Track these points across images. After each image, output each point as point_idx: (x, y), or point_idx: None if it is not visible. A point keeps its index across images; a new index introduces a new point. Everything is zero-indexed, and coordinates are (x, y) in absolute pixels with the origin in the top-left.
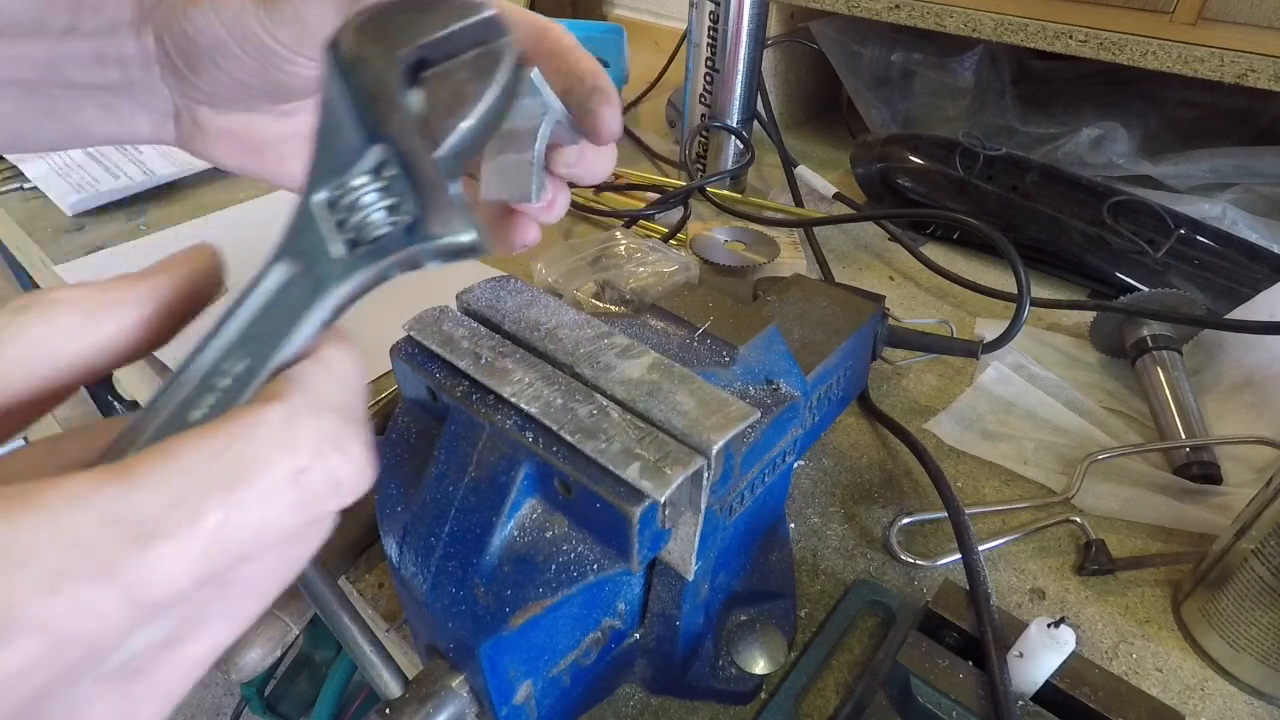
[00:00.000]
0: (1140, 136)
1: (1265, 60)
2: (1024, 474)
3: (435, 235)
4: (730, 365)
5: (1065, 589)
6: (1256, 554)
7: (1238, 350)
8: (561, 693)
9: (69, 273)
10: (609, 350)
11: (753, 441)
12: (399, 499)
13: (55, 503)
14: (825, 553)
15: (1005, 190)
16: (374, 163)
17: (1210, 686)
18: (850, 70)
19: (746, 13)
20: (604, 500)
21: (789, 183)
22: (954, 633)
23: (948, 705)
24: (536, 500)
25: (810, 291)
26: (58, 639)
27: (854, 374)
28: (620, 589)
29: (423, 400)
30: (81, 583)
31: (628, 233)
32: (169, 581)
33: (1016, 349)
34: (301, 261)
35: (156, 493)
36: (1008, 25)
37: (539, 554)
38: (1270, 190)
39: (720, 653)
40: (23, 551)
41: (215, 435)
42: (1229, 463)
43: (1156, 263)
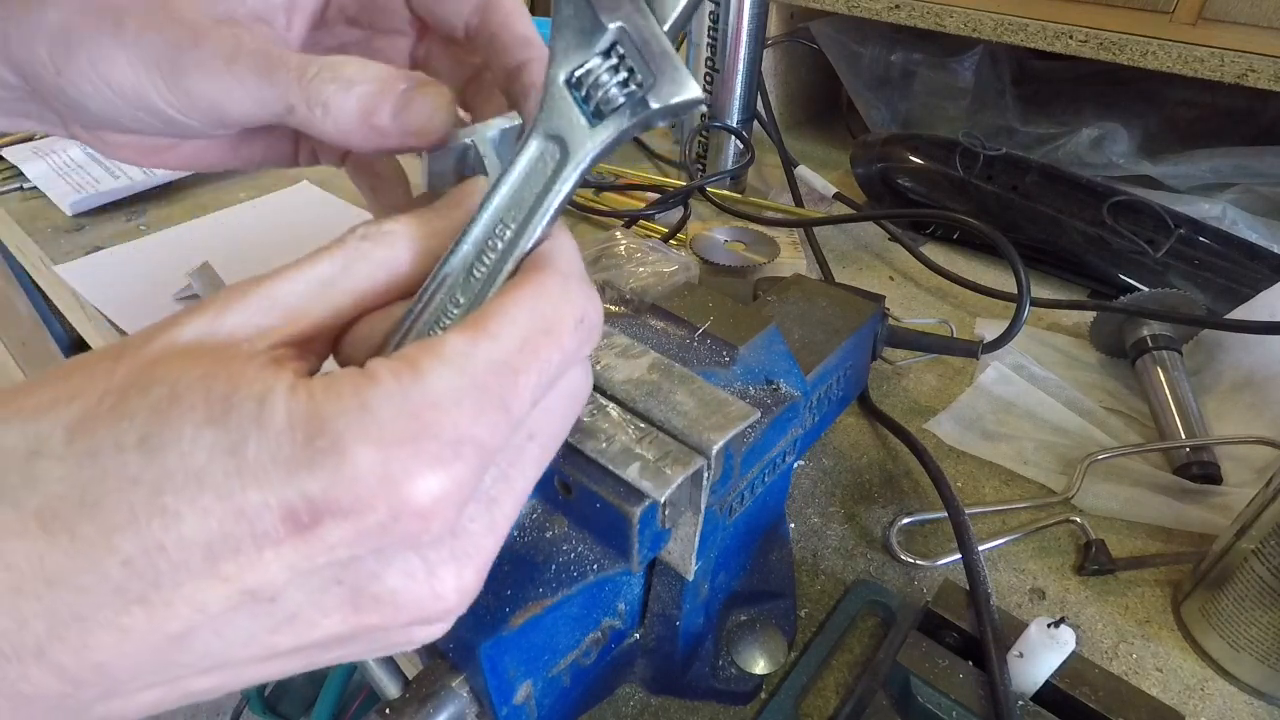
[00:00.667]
0: (1140, 136)
1: (1265, 60)
2: (1024, 474)
3: (667, 96)
4: (730, 365)
5: (1065, 589)
6: (1256, 554)
7: (1238, 350)
8: (561, 693)
9: (69, 273)
10: (609, 350)
11: (753, 441)
12: None
13: (455, 359)
14: (825, 553)
15: (1005, 190)
16: (607, 44)
17: (1210, 686)
18: (850, 70)
19: (746, 13)
20: (604, 500)
21: (789, 183)
22: (954, 633)
23: (948, 705)
24: (536, 500)
25: (810, 291)
26: (484, 450)
27: (854, 374)
28: (620, 589)
29: None
30: (490, 411)
31: (628, 233)
32: (525, 403)
33: (1016, 349)
34: (554, 130)
35: (511, 341)
36: (1008, 25)
37: (539, 554)
38: (1270, 190)
39: (720, 653)
40: (450, 395)
41: (524, 297)
42: (1229, 463)
43: (1156, 263)
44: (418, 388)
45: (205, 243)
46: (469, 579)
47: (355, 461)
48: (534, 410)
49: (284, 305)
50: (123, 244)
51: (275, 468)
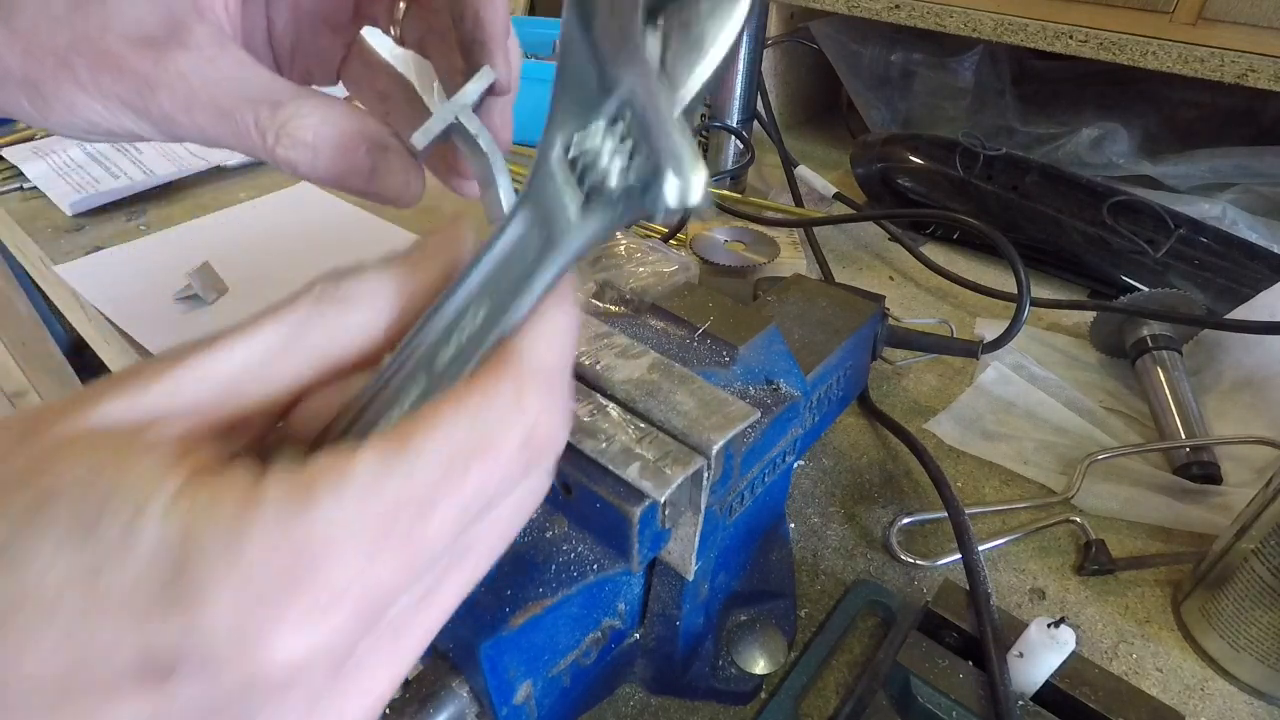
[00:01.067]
0: (1140, 136)
1: (1265, 60)
2: (1024, 474)
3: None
4: (730, 365)
5: (1065, 589)
6: (1256, 554)
7: (1238, 350)
8: (561, 693)
9: (69, 273)
10: (609, 350)
11: (753, 441)
12: None
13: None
14: (825, 553)
15: (1005, 190)
16: (613, 111)
17: (1210, 686)
18: (850, 70)
19: None
20: (604, 500)
21: (789, 183)
22: (954, 633)
23: (948, 705)
24: None
25: (810, 291)
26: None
27: (854, 374)
28: (620, 589)
29: None
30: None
31: (627, 233)
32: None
33: (1016, 349)
34: (540, 213)
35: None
36: (1008, 25)
37: (539, 554)
38: (1270, 190)
39: (720, 653)
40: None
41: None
42: (1229, 463)
43: (1156, 263)
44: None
45: (205, 243)
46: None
47: (212, 612)
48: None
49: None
50: (123, 244)
51: (131, 607)
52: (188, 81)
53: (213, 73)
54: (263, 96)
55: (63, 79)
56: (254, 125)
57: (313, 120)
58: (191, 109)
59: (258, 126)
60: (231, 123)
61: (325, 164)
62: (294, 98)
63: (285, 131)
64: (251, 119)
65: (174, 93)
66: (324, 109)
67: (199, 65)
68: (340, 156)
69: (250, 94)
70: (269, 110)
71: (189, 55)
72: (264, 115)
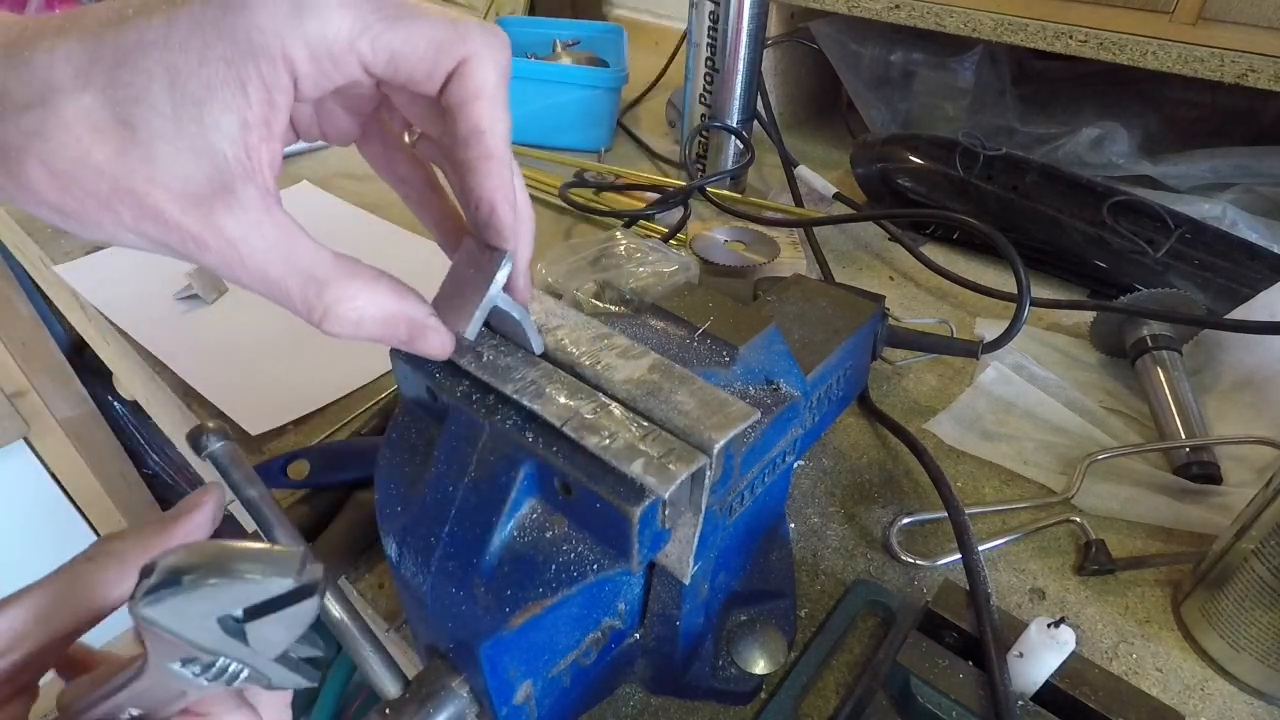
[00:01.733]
0: (1140, 136)
1: (1265, 60)
2: (1024, 474)
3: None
4: (730, 365)
5: (1065, 589)
6: (1256, 554)
7: (1238, 350)
8: (561, 693)
9: (68, 273)
10: (610, 351)
11: (753, 442)
12: (398, 499)
13: None
14: (825, 553)
15: (1005, 190)
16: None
17: (1210, 686)
18: (850, 70)
19: (746, 13)
20: (604, 500)
21: (789, 183)
22: (954, 633)
23: (948, 705)
24: (536, 500)
25: (810, 291)
26: None
27: (854, 374)
28: (620, 589)
29: (422, 400)
30: None
31: (628, 233)
32: None
33: (1016, 349)
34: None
35: None
36: (1008, 25)
37: (539, 554)
38: (1270, 190)
39: (720, 653)
40: None
41: None
42: (1229, 463)
43: (1156, 263)
44: None
45: None
46: None
47: None
48: None
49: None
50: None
51: None
52: (236, 248)
53: (259, 241)
54: (309, 272)
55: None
56: (299, 299)
57: (359, 303)
58: (236, 270)
59: (304, 302)
60: (278, 290)
61: (365, 335)
62: (339, 278)
63: (333, 312)
64: (298, 294)
65: (222, 255)
66: (368, 291)
67: (246, 232)
68: (380, 331)
69: (298, 268)
70: (316, 289)
71: (235, 219)
72: (311, 293)
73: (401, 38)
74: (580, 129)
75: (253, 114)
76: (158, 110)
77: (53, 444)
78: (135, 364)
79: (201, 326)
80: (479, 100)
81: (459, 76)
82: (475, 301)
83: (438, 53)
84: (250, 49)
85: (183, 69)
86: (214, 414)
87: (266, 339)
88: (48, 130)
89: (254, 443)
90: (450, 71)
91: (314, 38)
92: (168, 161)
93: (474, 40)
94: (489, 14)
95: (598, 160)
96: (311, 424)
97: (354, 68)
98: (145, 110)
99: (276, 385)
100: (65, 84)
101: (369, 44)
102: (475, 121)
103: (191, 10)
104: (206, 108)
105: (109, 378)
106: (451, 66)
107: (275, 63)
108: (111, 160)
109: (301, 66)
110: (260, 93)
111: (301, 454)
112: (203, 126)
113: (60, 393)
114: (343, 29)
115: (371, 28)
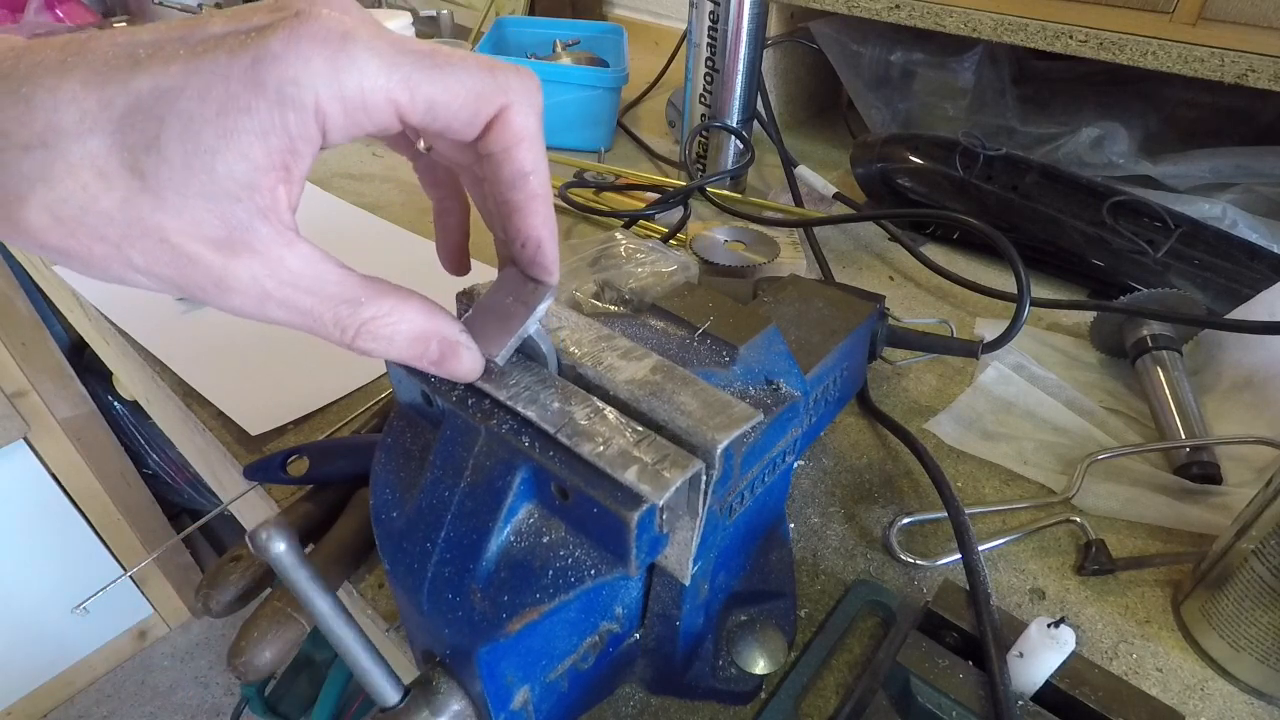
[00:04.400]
0: (1140, 136)
1: (1265, 60)
2: (1024, 474)
3: None
4: (730, 365)
5: (1065, 589)
6: (1256, 554)
7: (1238, 350)
8: (559, 697)
9: (69, 273)
10: (610, 351)
11: (753, 442)
12: (394, 504)
13: None
14: (825, 553)
15: (1005, 190)
16: None
17: (1210, 686)
18: (850, 70)
19: (746, 13)
20: (601, 505)
21: (789, 183)
22: (954, 633)
23: (948, 705)
24: (533, 505)
25: (808, 291)
26: None
27: (852, 373)
28: (618, 593)
29: (418, 404)
30: None
31: (627, 233)
32: None
33: (1016, 349)
34: None
35: None
36: (1008, 25)
37: (536, 559)
38: (1270, 190)
39: (720, 653)
40: None
41: None
42: (1229, 463)
43: (1156, 263)
44: None
45: None
46: None
47: None
48: None
49: None
50: None
51: None
52: (261, 285)
53: (285, 275)
54: (340, 295)
55: (112, 261)
56: (332, 324)
57: (392, 319)
58: (265, 306)
59: (337, 324)
60: (311, 320)
61: (397, 354)
62: (372, 297)
63: (366, 330)
64: (331, 318)
65: (246, 295)
66: (401, 308)
67: (272, 268)
68: (412, 348)
69: (328, 295)
70: (349, 310)
71: (257, 260)
72: (344, 314)
73: (440, 88)
74: (580, 129)
75: (271, 160)
76: (167, 159)
77: (53, 444)
78: (135, 364)
79: (201, 326)
80: (521, 145)
81: (500, 124)
82: (513, 329)
83: (478, 101)
84: (281, 101)
85: (198, 117)
86: (214, 414)
87: (266, 339)
88: (53, 176)
89: (254, 443)
90: (490, 119)
91: (350, 90)
92: (178, 208)
93: (513, 89)
94: (489, 14)
95: (598, 160)
96: (311, 424)
97: (389, 118)
98: (154, 159)
99: (276, 385)
100: (70, 128)
101: (408, 96)
102: (520, 165)
103: (216, 60)
104: (220, 157)
105: (109, 378)
106: (491, 114)
107: (306, 114)
108: (120, 206)
109: (334, 119)
110: (282, 141)
111: (300, 450)
112: (214, 175)
113: (60, 393)
114: (379, 81)
115: (410, 79)
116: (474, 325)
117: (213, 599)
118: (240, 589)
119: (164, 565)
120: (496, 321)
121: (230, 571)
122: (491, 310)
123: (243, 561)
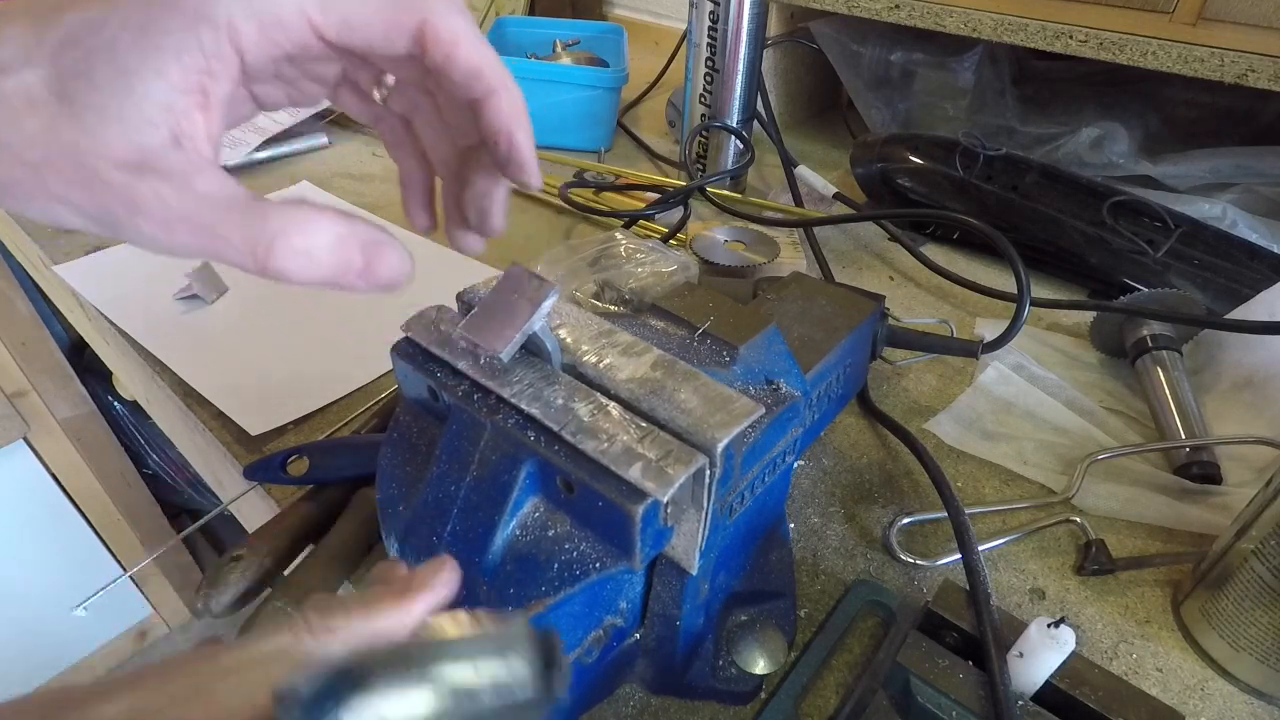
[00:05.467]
0: (1140, 136)
1: (1265, 60)
2: (1024, 474)
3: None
4: (730, 365)
5: (1065, 589)
6: (1256, 554)
7: (1238, 350)
8: None
9: (68, 272)
10: (612, 348)
11: (753, 441)
12: (400, 499)
13: None
14: (825, 553)
15: (1005, 190)
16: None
17: (1210, 686)
18: (850, 70)
19: (746, 13)
20: (606, 499)
21: (789, 183)
22: (954, 633)
23: (948, 705)
24: (538, 499)
25: (808, 290)
26: None
27: (852, 373)
28: (622, 587)
29: (424, 400)
30: None
31: (627, 233)
32: None
33: (1016, 349)
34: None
35: None
36: (1008, 25)
37: (541, 553)
38: (1270, 190)
39: (720, 653)
40: None
41: None
42: (1229, 463)
43: (1156, 263)
44: None
45: None
46: None
47: None
48: None
49: None
50: (123, 244)
51: None
52: (168, 206)
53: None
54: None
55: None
56: (241, 241)
57: (307, 228)
58: (173, 231)
59: (246, 242)
60: (219, 240)
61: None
62: (282, 210)
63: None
64: (239, 236)
65: (154, 218)
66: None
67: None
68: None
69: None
70: (259, 224)
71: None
72: (254, 230)
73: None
74: (580, 129)
75: (188, 80)
76: (94, 83)
77: (53, 444)
78: (135, 364)
79: (201, 326)
80: (459, 46)
81: (430, 33)
82: (518, 325)
83: (393, 9)
84: (197, 19)
85: (122, 42)
86: (214, 414)
87: (266, 339)
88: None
89: (254, 443)
90: (414, 33)
91: (263, 6)
92: (96, 129)
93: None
94: (489, 14)
95: (598, 160)
96: (312, 424)
97: (305, 34)
98: (83, 84)
99: (276, 385)
100: (10, 64)
101: (320, 9)
102: (465, 65)
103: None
104: (138, 77)
105: (109, 378)
106: (413, 25)
107: (219, 32)
108: (43, 130)
109: (247, 36)
110: (197, 60)
111: (300, 450)
112: (132, 95)
113: (60, 393)
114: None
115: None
116: (478, 322)
117: (213, 599)
118: (240, 589)
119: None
120: (501, 318)
121: (230, 572)
122: (496, 307)
123: (243, 562)
